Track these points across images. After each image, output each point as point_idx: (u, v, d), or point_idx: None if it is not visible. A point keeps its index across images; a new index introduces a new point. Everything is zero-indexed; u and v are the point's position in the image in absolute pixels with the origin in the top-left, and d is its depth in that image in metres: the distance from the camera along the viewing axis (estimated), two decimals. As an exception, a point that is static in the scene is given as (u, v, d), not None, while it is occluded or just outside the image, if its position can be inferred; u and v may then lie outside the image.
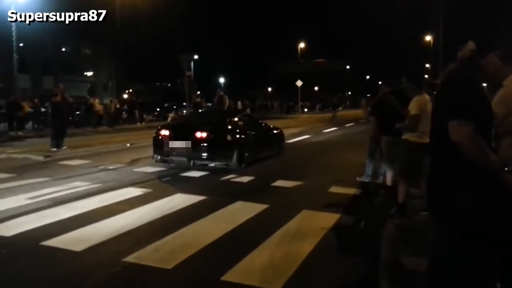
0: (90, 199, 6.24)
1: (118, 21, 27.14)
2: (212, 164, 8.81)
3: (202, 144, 8.60)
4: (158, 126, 10.29)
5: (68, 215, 5.32)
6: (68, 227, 4.78)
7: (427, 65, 49.63)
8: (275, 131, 11.44)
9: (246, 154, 9.29)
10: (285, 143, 12.13)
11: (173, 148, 8.83)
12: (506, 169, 1.60)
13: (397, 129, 5.75)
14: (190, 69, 17.30)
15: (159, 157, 9.10)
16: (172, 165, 9.08)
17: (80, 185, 7.18)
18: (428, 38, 44.82)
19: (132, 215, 5.36)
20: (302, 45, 57.31)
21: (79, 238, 4.42)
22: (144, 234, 4.60)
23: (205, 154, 8.60)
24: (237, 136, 9.36)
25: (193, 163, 8.72)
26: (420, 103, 5.33)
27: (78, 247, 4.13)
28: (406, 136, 5.47)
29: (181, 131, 9.19)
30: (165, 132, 9.10)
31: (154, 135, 9.43)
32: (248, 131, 9.95)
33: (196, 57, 18.77)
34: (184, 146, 8.71)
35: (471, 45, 2.15)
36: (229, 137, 9.11)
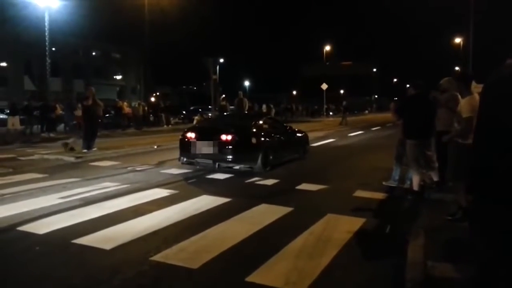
0: (119, 199, 6.40)
1: (147, 25, 27.69)
2: (237, 167, 8.89)
3: (227, 147, 8.71)
4: (184, 129, 10.44)
5: (97, 214, 5.48)
6: (98, 226, 4.93)
7: (457, 68, 48.44)
8: (299, 134, 11.48)
9: (271, 157, 9.31)
10: (310, 147, 12.12)
11: (199, 151, 8.96)
12: None
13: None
14: (215, 73, 17.46)
15: (185, 159, 9.29)
16: (198, 167, 9.24)
17: (109, 186, 7.37)
18: (457, 40, 43.79)
19: (159, 216, 5.48)
20: (328, 47, 56.95)
21: (108, 237, 4.55)
22: (171, 234, 4.70)
23: (230, 157, 8.70)
24: (262, 139, 9.39)
25: (218, 165, 8.84)
26: (472, 104, 5.05)
27: (107, 246, 4.26)
28: (457, 138, 5.26)
29: (207, 133, 9.28)
30: (191, 135, 9.25)
31: (180, 137, 9.58)
32: (273, 134, 9.99)
33: (221, 60, 18.96)
34: (209, 148, 8.82)
35: None
36: (254, 140, 9.14)
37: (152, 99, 36.84)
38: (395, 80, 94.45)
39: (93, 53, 52.70)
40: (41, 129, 20.43)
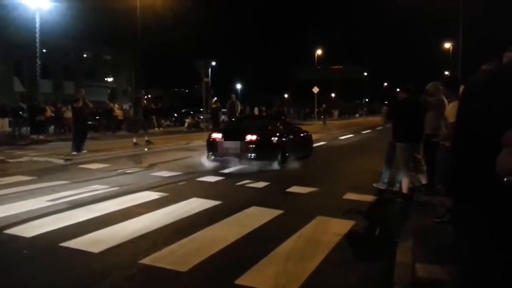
0: (108, 202, 6.36)
1: (139, 28, 27.58)
2: (255, 163, 9.73)
3: (251, 146, 9.74)
4: (174, 131, 10.60)
5: (86, 217, 5.43)
6: (87, 229, 4.89)
7: (446, 72, 48.99)
8: (306, 135, 12.59)
9: (287, 154, 10.35)
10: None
11: (226, 149, 9.95)
12: (505, 179, 1.57)
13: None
14: (207, 75, 17.45)
15: (213, 157, 10.15)
16: (224, 163, 9.98)
17: (98, 188, 7.32)
18: (447, 45, 44.27)
19: (148, 218, 5.45)
20: (319, 51, 57.24)
21: (97, 240, 4.51)
22: (160, 237, 4.67)
23: (254, 154, 9.68)
24: (280, 139, 10.43)
25: (242, 161, 9.84)
26: None
27: (96, 249, 4.22)
28: (444, 141, 5.36)
29: (232, 134, 10.35)
30: (217, 135, 10.33)
31: (208, 138, 10.63)
32: (287, 135, 10.97)
33: (213, 63, 18.97)
34: (236, 147, 9.83)
35: None
36: (274, 140, 10.22)
37: (144, 101, 36.68)
38: (385, 84, 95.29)
39: (84, 55, 52.35)
40: (30, 131, 20.23)
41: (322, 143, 16.80)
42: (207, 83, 17.73)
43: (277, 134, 10.50)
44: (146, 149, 13.95)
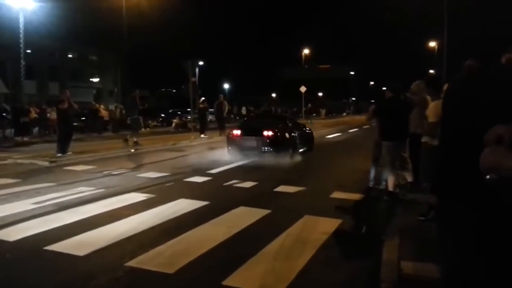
0: (94, 204, 6.29)
1: (125, 27, 27.34)
2: (269, 154, 11.08)
3: (268, 141, 11.19)
4: (161, 132, 10.61)
5: (72, 220, 5.37)
6: (72, 232, 4.83)
7: (431, 71, 49.58)
8: (309, 131, 14.10)
9: (296, 148, 11.95)
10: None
11: (246, 143, 11.44)
12: (487, 177, 1.59)
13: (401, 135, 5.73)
14: (194, 75, 17.35)
15: (232, 151, 11.58)
16: (243, 156, 11.29)
17: (84, 190, 7.24)
18: (432, 44, 44.80)
19: (135, 220, 5.41)
20: (306, 51, 57.45)
21: (83, 243, 4.46)
22: (147, 239, 4.64)
23: (271, 148, 11.18)
24: (290, 135, 11.85)
25: (260, 154, 11.23)
26: (439, 108, 5.22)
27: (81, 252, 4.17)
28: (425, 139, 5.43)
29: (251, 131, 11.72)
30: (237, 132, 11.79)
31: (228, 134, 12.08)
32: (295, 131, 12.37)
33: (201, 63, 18.87)
34: (254, 142, 11.33)
35: None
36: (287, 135, 11.65)
37: (130, 102, 36.38)
38: (371, 83, 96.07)
39: (70, 55, 51.68)
40: (14, 133, 19.90)
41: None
42: (194, 83, 17.62)
43: (288, 131, 11.89)
44: (132, 150, 13.83)
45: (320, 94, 72.79)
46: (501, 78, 2.14)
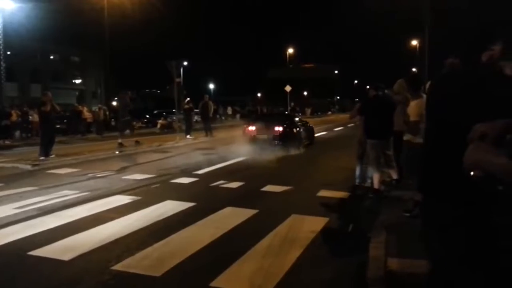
0: (79, 207, 6.20)
1: (107, 28, 27.03)
2: (280, 146, 12.76)
3: (279, 135, 12.95)
4: (147, 133, 10.50)
5: (56, 224, 5.28)
6: (56, 236, 4.75)
7: (414, 69, 50.21)
8: (310, 127, 16.01)
9: (301, 141, 13.85)
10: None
11: (259, 138, 13.11)
12: (471, 174, 1.61)
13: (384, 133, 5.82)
14: (179, 76, 17.24)
15: (247, 143, 13.18)
16: (257, 148, 12.53)
17: (68, 194, 7.13)
18: (414, 42, 45.37)
19: (121, 223, 5.34)
20: (291, 50, 57.65)
21: (67, 247, 4.39)
22: (133, 242, 4.59)
23: (281, 142, 12.88)
24: (297, 129, 13.88)
25: (271, 147, 12.64)
26: (420, 107, 5.31)
27: (66, 256, 4.10)
28: (407, 137, 5.50)
29: (263, 127, 13.45)
30: (252, 128, 13.64)
31: (243, 130, 13.90)
32: (300, 127, 14.40)
33: (185, 63, 18.76)
34: (266, 136, 13.00)
35: (501, 45, 2.15)
36: (294, 130, 13.61)
37: (114, 103, 36.03)
38: (355, 81, 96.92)
39: (51, 57, 50.87)
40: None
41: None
42: (179, 83, 17.50)
43: (295, 127, 13.90)
44: (117, 152, 13.68)
45: (305, 93, 73.08)
46: (483, 75, 2.18)
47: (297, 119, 16.42)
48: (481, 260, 2.01)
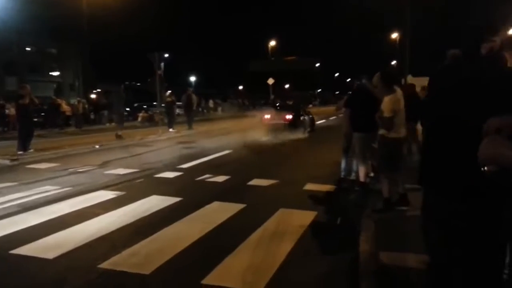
0: (61, 203, 6.03)
1: (85, 19, 26.38)
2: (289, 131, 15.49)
3: (289, 122, 16.04)
4: (129, 126, 10.27)
5: (38, 221, 5.11)
6: (39, 233, 4.60)
7: (393, 62, 50.76)
8: (312, 117, 18.18)
9: (306, 128, 16.60)
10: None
11: (274, 124, 16.00)
12: (485, 169, 1.59)
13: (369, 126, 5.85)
14: (161, 68, 16.97)
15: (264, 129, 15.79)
16: (272, 132, 15.24)
17: (49, 189, 6.92)
18: (394, 36, 45.76)
19: (105, 219, 5.21)
20: (272, 43, 57.52)
21: (51, 245, 4.25)
22: (119, 239, 4.48)
23: (292, 127, 15.80)
24: (303, 118, 16.83)
25: (283, 131, 15.36)
26: (393, 103, 5.40)
27: (50, 255, 3.97)
28: (382, 132, 5.54)
29: (277, 115, 16.59)
30: (268, 116, 16.81)
31: (261, 119, 17.00)
32: (305, 116, 17.17)
33: (166, 55, 18.45)
34: (279, 122, 16.07)
35: (503, 35, 2.13)
36: (301, 118, 16.58)
37: (93, 96, 35.31)
38: (336, 74, 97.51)
39: (28, 49, 49.42)
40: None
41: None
42: (160, 75, 17.24)
43: (301, 116, 16.84)
44: (97, 146, 13.39)
45: (287, 86, 73.13)
46: (481, 68, 2.16)
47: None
48: (481, 255, 2.01)
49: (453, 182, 2.04)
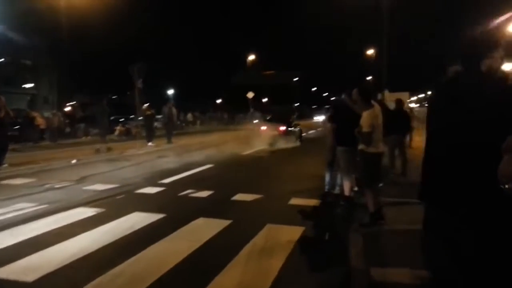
0: (39, 222, 5.77)
1: (65, 31, 25.94)
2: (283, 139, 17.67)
3: (283, 132, 18.19)
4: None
5: (15, 240, 4.86)
6: (17, 254, 4.36)
7: (369, 78, 51.72)
8: (300, 128, 20.29)
9: (296, 137, 18.92)
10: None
11: (269, 134, 17.80)
12: (506, 186, 1.57)
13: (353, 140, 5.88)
14: (141, 81, 16.76)
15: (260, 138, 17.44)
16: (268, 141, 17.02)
17: (25, 207, 6.63)
18: (370, 52, 46.76)
19: (86, 238, 5.01)
20: (252, 57, 57.90)
21: (30, 267, 4.03)
22: (103, 259, 4.29)
23: (285, 137, 17.90)
24: (294, 128, 19.30)
25: (278, 140, 17.36)
26: (371, 118, 5.46)
27: (30, 277, 3.76)
28: (361, 147, 5.59)
29: (271, 126, 18.54)
30: (264, 127, 19.06)
31: (257, 130, 19.38)
32: (296, 126, 19.74)
33: (144, 68, 18.20)
34: (275, 133, 17.91)
35: (501, 52, 2.14)
36: (292, 129, 18.99)
37: (68, 108, 34.59)
38: (314, 89, 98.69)
39: (1, 60, 48.16)
40: None
41: (258, 148, 16.65)
42: (139, 89, 17.02)
43: (292, 127, 19.21)
44: (74, 161, 13.02)
45: (265, 99, 73.50)
46: (480, 83, 2.16)
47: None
48: (489, 272, 1.98)
49: (460, 198, 2.01)
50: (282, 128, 18.28)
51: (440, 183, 2.12)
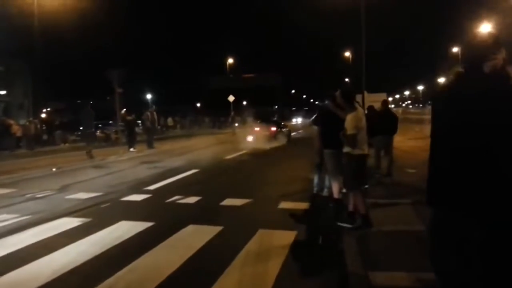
0: (22, 233, 5.55)
1: (37, 35, 25.32)
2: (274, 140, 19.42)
3: (274, 132, 20.21)
4: (83, 147, 9.74)
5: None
6: (1, 269, 4.17)
7: (347, 79, 52.33)
8: (288, 129, 23.30)
9: (286, 138, 21.28)
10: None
11: (261, 135, 19.38)
12: None
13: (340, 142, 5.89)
14: (120, 86, 16.47)
15: (252, 138, 19.36)
16: (260, 142, 18.39)
17: (7, 218, 6.39)
18: (347, 54, 47.35)
19: (74, 250, 4.84)
20: (231, 60, 57.82)
21: (17, 282, 3.87)
22: (92, 271, 4.15)
23: (274, 137, 19.63)
24: (285, 129, 22.38)
25: (269, 141, 18.73)
26: (356, 120, 5.47)
27: (17, 294, 3.60)
28: (347, 150, 5.60)
29: (263, 128, 20.45)
30: (256, 128, 20.52)
31: (249, 130, 20.81)
32: (285, 128, 22.69)
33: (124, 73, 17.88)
34: (265, 133, 19.81)
35: (503, 53, 2.13)
36: (281, 130, 21.54)
37: (44, 115, 33.78)
38: (293, 91, 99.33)
39: (-29, 66, 46.64)
40: None
41: (241, 152, 16.58)
42: (120, 93, 16.73)
43: (281, 128, 21.77)
44: (54, 169, 12.69)
45: (245, 102, 73.36)
46: (485, 85, 2.16)
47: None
48: (502, 280, 1.97)
49: (474, 198, 1.99)
50: (273, 129, 20.63)
51: (451, 186, 2.09)
